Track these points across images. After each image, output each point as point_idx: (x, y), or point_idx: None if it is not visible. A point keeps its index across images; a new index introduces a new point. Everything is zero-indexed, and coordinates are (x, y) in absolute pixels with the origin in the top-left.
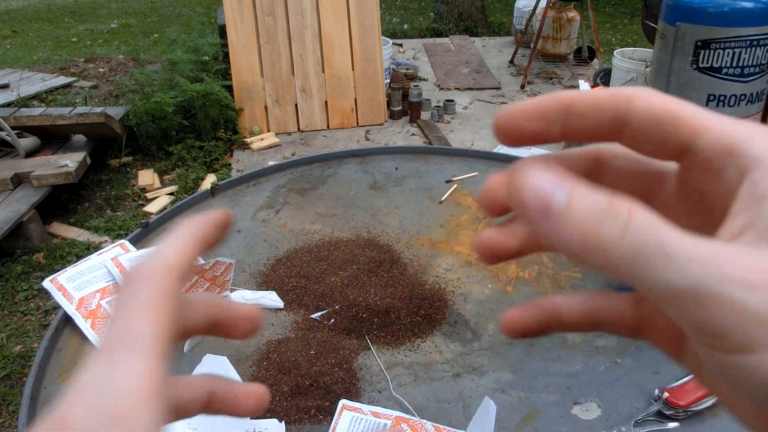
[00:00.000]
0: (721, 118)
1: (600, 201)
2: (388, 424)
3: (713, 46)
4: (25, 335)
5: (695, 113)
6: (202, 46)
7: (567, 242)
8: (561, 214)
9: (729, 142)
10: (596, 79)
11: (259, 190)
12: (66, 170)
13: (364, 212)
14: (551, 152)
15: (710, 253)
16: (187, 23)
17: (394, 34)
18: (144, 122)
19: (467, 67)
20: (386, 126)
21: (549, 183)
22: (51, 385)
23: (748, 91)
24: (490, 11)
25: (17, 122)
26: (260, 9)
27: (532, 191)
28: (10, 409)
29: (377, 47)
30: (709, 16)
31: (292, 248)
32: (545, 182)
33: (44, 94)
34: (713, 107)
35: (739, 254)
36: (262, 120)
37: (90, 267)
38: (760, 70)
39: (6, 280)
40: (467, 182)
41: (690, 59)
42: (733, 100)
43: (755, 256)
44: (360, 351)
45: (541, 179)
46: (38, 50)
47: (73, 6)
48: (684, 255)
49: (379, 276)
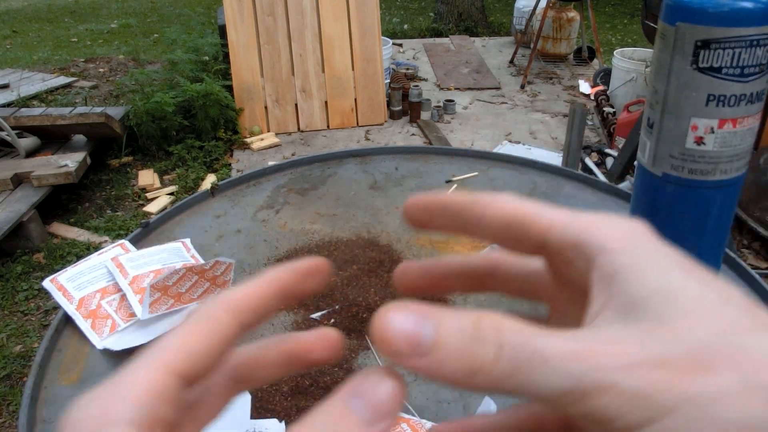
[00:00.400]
0: (564, 213)
1: (466, 326)
2: None
3: (713, 46)
4: (25, 335)
5: (541, 213)
6: (202, 46)
7: (449, 375)
8: (432, 349)
9: (572, 235)
10: (596, 79)
11: (259, 190)
12: (66, 170)
13: (364, 212)
14: (488, 251)
15: (582, 348)
16: (187, 23)
17: (394, 34)
18: (144, 122)
19: (467, 67)
20: (386, 126)
21: (412, 321)
22: (51, 385)
23: (748, 91)
24: (490, 11)
25: (17, 122)
26: (260, 9)
27: (399, 335)
28: (10, 409)
29: (377, 47)
30: (709, 16)
31: (292, 248)
32: (409, 322)
33: (44, 94)
34: (713, 107)
35: (605, 341)
36: (262, 120)
37: (90, 267)
38: (760, 70)
39: (6, 280)
40: (467, 182)
41: (690, 59)
42: (733, 100)
43: (617, 338)
44: (360, 351)
45: (403, 320)
46: (38, 50)
47: (73, 6)
48: (560, 357)
49: (379, 276)
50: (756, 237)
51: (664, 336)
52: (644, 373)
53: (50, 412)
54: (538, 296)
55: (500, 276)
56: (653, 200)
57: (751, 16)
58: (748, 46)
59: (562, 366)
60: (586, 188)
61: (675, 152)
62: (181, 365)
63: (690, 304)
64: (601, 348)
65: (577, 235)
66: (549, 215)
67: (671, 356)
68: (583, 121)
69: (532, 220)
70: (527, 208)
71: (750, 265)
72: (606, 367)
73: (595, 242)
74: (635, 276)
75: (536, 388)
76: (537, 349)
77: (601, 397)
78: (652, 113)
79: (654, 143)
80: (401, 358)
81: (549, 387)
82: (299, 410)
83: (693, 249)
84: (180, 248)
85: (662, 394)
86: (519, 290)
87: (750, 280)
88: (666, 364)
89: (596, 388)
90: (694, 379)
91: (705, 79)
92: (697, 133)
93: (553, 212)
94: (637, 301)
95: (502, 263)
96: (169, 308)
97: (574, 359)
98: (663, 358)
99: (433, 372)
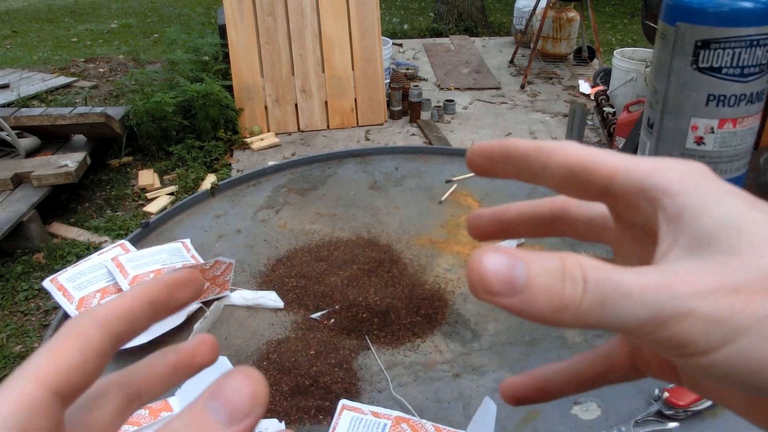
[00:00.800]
0: (627, 158)
1: (554, 266)
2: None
3: (713, 46)
4: (25, 335)
5: (604, 160)
6: (202, 46)
7: (539, 312)
8: (525, 288)
9: (637, 180)
10: (596, 79)
11: (259, 190)
12: (66, 170)
13: (364, 212)
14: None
15: (660, 279)
16: (187, 23)
17: (394, 34)
18: (144, 122)
19: (467, 67)
20: (386, 126)
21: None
22: None
23: (748, 91)
24: (490, 11)
25: (17, 122)
26: (260, 9)
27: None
28: None
29: (377, 47)
30: (709, 16)
31: (292, 248)
32: (502, 264)
33: (44, 94)
34: (713, 107)
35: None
36: (262, 120)
37: (90, 267)
38: (760, 70)
39: (6, 280)
40: (467, 182)
41: (690, 59)
42: (733, 100)
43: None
44: (360, 351)
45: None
46: (38, 50)
47: (73, 6)
48: (638, 289)
49: (379, 276)
50: None
51: (735, 265)
52: (720, 299)
53: None
54: (604, 239)
55: (567, 220)
56: None
57: (751, 16)
58: (748, 46)
59: (642, 297)
60: None
61: (675, 152)
62: (53, 380)
63: (757, 234)
64: (677, 278)
65: (642, 180)
66: (613, 161)
67: (743, 282)
68: (583, 121)
69: (598, 167)
70: (592, 154)
71: None
72: (684, 295)
73: (659, 185)
74: (701, 213)
75: (619, 320)
76: (617, 283)
77: (681, 323)
78: (652, 113)
79: (654, 143)
80: (497, 297)
81: (632, 317)
82: (299, 410)
83: None
84: (180, 248)
85: (737, 315)
86: (585, 233)
87: None
88: (739, 290)
89: (676, 315)
90: (764, 301)
91: (705, 79)
92: (697, 133)
93: (616, 158)
94: (705, 236)
95: (568, 208)
96: None
97: (653, 290)
98: (736, 284)
99: (526, 309)
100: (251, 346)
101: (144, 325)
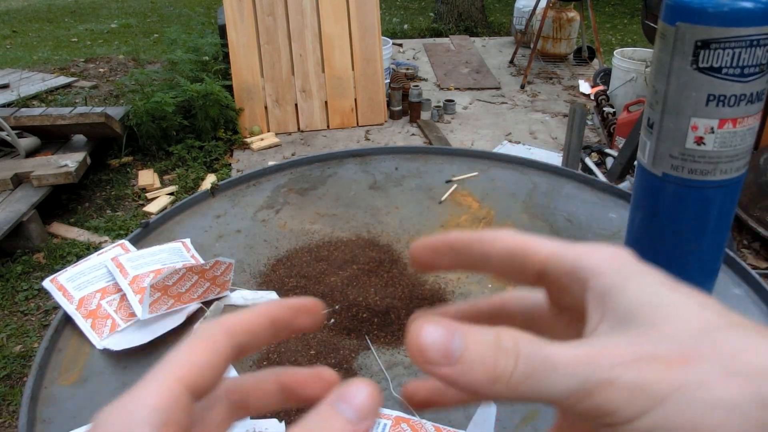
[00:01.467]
0: (558, 244)
1: (489, 338)
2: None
3: (713, 46)
4: (25, 335)
5: (540, 245)
6: (202, 46)
7: (474, 381)
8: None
9: (568, 262)
10: (596, 79)
11: (259, 190)
12: (66, 170)
13: (364, 212)
14: (462, 304)
15: (585, 353)
16: (187, 23)
17: (394, 34)
18: (144, 122)
19: (467, 67)
20: (386, 126)
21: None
22: (51, 385)
23: (748, 91)
24: (490, 11)
25: (17, 122)
26: (260, 9)
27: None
28: (10, 409)
29: (377, 47)
30: (709, 16)
31: (292, 248)
32: (439, 336)
33: (44, 94)
34: (713, 107)
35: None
36: (262, 120)
37: (90, 267)
38: (760, 70)
39: (6, 280)
40: (467, 182)
41: (690, 59)
42: (733, 100)
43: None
44: (360, 351)
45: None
46: (38, 50)
47: (73, 6)
48: (565, 361)
49: (379, 276)
50: (756, 237)
51: (654, 337)
52: (639, 368)
53: (50, 412)
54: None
55: (505, 315)
56: (653, 200)
57: (751, 16)
58: (748, 46)
59: (570, 369)
60: (586, 188)
61: (675, 152)
62: (187, 377)
63: (675, 311)
64: (601, 350)
65: (572, 263)
66: (547, 246)
67: (661, 352)
68: (583, 121)
69: (534, 251)
70: (528, 240)
71: (750, 265)
72: (607, 366)
73: (587, 267)
74: (625, 292)
75: (549, 391)
76: (547, 356)
77: (605, 392)
78: (652, 113)
79: (654, 143)
80: (435, 367)
81: (560, 388)
82: (299, 410)
83: (693, 249)
84: (180, 248)
85: (656, 384)
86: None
87: (750, 280)
88: (657, 359)
89: (600, 384)
90: (682, 369)
91: (705, 79)
92: (697, 133)
93: (550, 244)
94: (629, 313)
95: (506, 304)
96: (169, 308)
97: (578, 363)
98: (654, 354)
99: (462, 379)
100: None
101: (263, 341)
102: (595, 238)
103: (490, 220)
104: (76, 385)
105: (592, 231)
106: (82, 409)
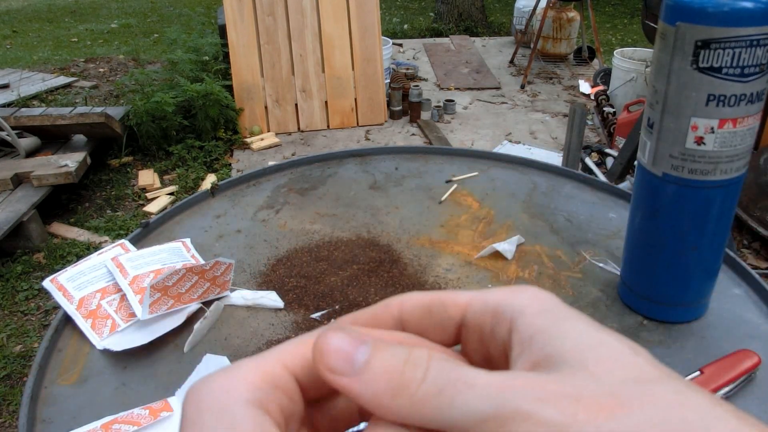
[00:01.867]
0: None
1: (400, 350)
2: None
3: (713, 46)
4: (25, 335)
5: (457, 294)
6: (202, 46)
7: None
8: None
9: (491, 306)
10: (596, 79)
11: (259, 190)
12: (66, 170)
13: (364, 212)
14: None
15: (504, 380)
16: (187, 23)
17: (394, 34)
18: (144, 122)
19: (467, 67)
20: (386, 126)
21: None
22: (51, 385)
23: (748, 91)
24: (490, 11)
25: (17, 122)
26: (260, 9)
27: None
28: (10, 409)
29: (377, 47)
30: (709, 16)
31: (292, 248)
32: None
33: (44, 94)
34: (713, 107)
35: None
36: (262, 120)
37: (90, 267)
38: (760, 70)
39: (6, 280)
40: (467, 182)
41: (690, 59)
42: (733, 100)
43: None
44: None
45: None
46: (38, 50)
47: (73, 6)
48: (483, 384)
49: (379, 276)
50: (756, 237)
51: (582, 377)
52: (562, 406)
53: (50, 412)
54: None
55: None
56: (653, 200)
57: (751, 16)
58: (748, 46)
59: (485, 391)
60: (586, 188)
61: (675, 152)
62: (291, 362)
63: (606, 353)
64: (522, 382)
65: (495, 305)
66: (466, 294)
67: (589, 394)
68: (583, 121)
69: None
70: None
71: (750, 265)
72: (527, 397)
73: (514, 308)
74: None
75: (459, 412)
76: (461, 376)
77: (521, 424)
78: (652, 113)
79: (654, 143)
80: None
81: (472, 410)
82: None
83: (693, 249)
84: (180, 248)
85: (581, 424)
86: None
87: (750, 280)
88: (583, 400)
89: (516, 415)
90: (611, 414)
91: (705, 79)
92: (697, 133)
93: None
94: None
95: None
96: (169, 308)
97: (496, 387)
98: (581, 394)
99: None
100: (251, 346)
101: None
102: (595, 237)
103: (490, 220)
104: (76, 385)
105: (591, 231)
106: (82, 409)
